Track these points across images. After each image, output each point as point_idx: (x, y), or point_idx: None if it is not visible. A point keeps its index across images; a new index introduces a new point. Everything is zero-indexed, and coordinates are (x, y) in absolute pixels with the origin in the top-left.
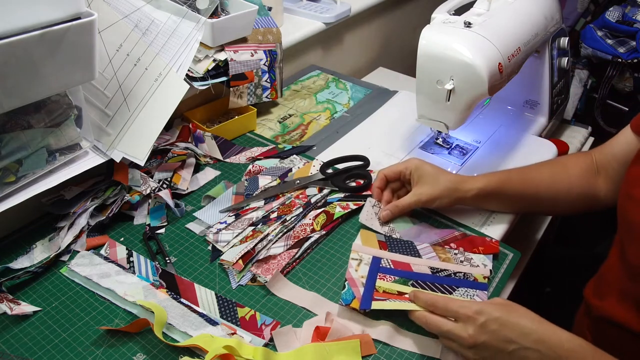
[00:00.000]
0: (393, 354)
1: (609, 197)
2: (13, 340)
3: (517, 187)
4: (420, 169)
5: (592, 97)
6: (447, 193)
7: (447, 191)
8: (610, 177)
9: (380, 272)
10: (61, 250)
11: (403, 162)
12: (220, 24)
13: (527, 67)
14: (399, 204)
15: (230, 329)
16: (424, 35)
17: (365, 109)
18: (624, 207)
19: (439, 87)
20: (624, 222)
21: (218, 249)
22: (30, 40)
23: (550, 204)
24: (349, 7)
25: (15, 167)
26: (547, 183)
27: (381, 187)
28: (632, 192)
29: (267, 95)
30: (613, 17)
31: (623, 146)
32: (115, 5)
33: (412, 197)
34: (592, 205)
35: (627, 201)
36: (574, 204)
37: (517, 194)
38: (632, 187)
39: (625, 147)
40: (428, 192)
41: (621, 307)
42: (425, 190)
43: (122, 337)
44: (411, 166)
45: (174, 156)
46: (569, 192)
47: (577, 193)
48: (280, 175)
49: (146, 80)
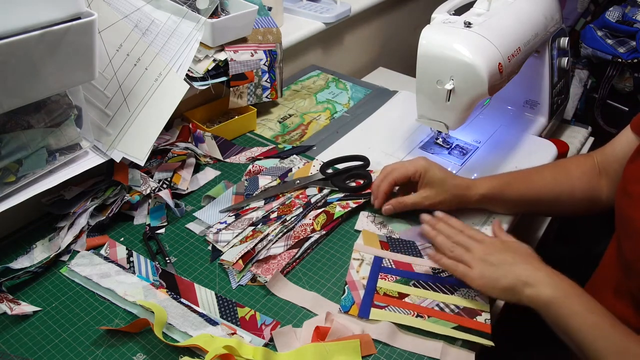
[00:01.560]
0: (393, 354)
1: (611, 198)
2: (13, 340)
3: (519, 191)
4: (429, 172)
5: (592, 97)
6: (451, 199)
7: (452, 197)
8: (612, 179)
9: (382, 272)
10: (61, 250)
11: (412, 164)
12: (220, 24)
13: (527, 67)
14: (402, 201)
15: (230, 329)
16: (424, 35)
17: (365, 109)
18: (620, 203)
19: (439, 87)
20: (620, 219)
21: (218, 249)
22: (30, 40)
23: (553, 207)
24: (349, 7)
25: (15, 167)
26: (549, 186)
27: (387, 192)
28: (629, 189)
29: (267, 95)
30: (613, 17)
31: (624, 146)
32: (115, 5)
33: (417, 198)
34: (594, 206)
35: (624, 197)
36: (577, 206)
37: (519, 198)
38: (628, 183)
39: (626, 147)
40: (433, 196)
41: (618, 302)
42: (430, 195)
43: (122, 337)
44: (420, 169)
45: (174, 156)
46: (571, 195)
47: (580, 195)
48: (280, 175)
49: (146, 80)
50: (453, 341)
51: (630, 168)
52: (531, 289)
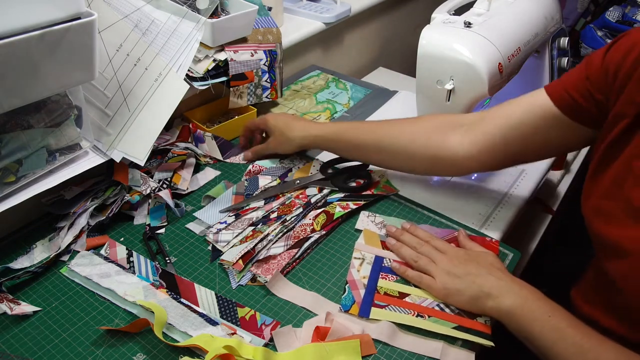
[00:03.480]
0: (393, 353)
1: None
2: (13, 340)
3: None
4: (272, 124)
5: None
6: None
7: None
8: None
9: (383, 272)
10: (61, 250)
11: (261, 117)
12: (220, 24)
13: (527, 67)
14: (254, 149)
15: (230, 329)
16: (424, 35)
17: (365, 109)
18: (593, 223)
19: (439, 87)
20: (596, 238)
21: (218, 249)
22: (30, 40)
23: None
24: (349, 7)
25: (15, 167)
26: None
27: (245, 136)
28: (600, 206)
29: (267, 95)
30: (613, 17)
31: (525, 106)
32: (115, 5)
33: (264, 145)
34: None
35: (596, 216)
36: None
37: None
38: (598, 200)
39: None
40: (275, 142)
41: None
42: (272, 141)
43: (122, 337)
44: (265, 119)
45: (174, 156)
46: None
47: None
48: (280, 175)
49: (146, 80)
50: (453, 341)
51: (594, 183)
52: (493, 301)
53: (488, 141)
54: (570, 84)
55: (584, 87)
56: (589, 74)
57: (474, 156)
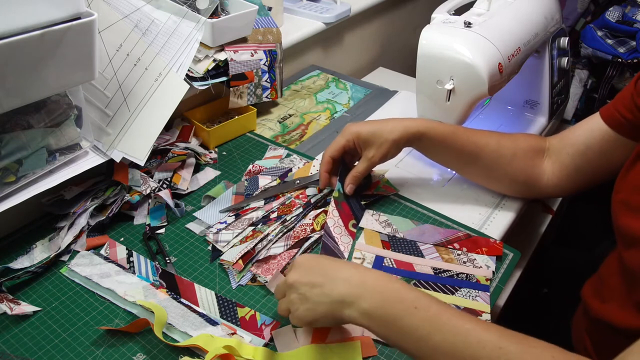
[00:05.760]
0: (393, 354)
1: (550, 184)
2: (13, 340)
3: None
4: (360, 134)
5: (592, 97)
6: (394, 145)
7: (393, 144)
8: (561, 164)
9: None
10: (61, 250)
11: (341, 135)
12: (220, 24)
13: (527, 67)
14: (355, 173)
15: (230, 329)
16: (424, 35)
17: (365, 109)
18: (619, 215)
19: (439, 87)
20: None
21: (218, 249)
22: (30, 40)
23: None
24: (349, 7)
25: (15, 167)
26: (491, 146)
27: (328, 171)
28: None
29: (267, 95)
30: (613, 17)
31: (587, 134)
32: (115, 5)
33: (364, 163)
34: (530, 187)
35: (623, 209)
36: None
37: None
38: (628, 194)
39: (588, 134)
40: (377, 152)
41: (622, 312)
42: (373, 152)
43: (122, 337)
44: (351, 135)
45: (174, 156)
46: (510, 163)
47: (518, 166)
48: (280, 175)
49: (146, 80)
50: None
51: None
52: (349, 309)
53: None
54: (619, 101)
55: (632, 103)
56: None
57: (557, 185)
